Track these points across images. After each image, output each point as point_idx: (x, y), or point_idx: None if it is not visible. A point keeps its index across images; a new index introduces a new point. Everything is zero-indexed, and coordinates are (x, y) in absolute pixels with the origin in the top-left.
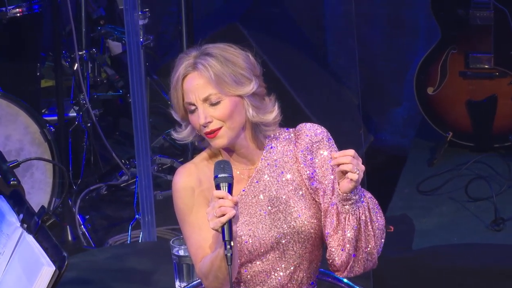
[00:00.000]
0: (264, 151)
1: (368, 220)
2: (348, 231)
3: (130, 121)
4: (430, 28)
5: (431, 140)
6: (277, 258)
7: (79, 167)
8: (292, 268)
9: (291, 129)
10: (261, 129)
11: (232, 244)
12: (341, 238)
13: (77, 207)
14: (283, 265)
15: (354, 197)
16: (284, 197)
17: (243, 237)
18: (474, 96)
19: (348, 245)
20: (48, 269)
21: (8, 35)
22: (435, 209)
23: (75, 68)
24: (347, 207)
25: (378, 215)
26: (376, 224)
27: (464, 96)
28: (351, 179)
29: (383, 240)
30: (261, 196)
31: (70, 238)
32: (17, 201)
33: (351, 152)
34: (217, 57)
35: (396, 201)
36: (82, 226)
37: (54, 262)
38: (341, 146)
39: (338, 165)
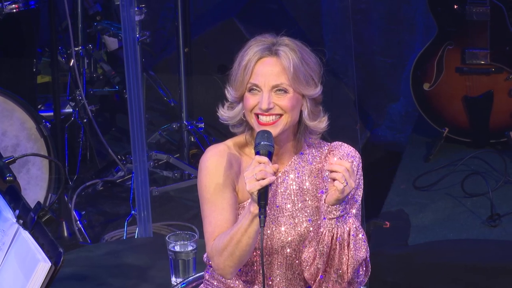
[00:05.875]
0: (296, 156)
1: (345, 244)
2: (321, 246)
3: (126, 117)
4: (427, 24)
5: (428, 136)
6: (279, 264)
7: (75, 163)
8: (290, 274)
9: (327, 143)
10: (306, 135)
11: (266, 208)
12: (313, 250)
13: (73, 203)
14: (283, 271)
15: (335, 213)
16: (300, 205)
17: None
18: (471, 92)
19: (317, 259)
20: (44, 265)
21: (4, 31)
22: (432, 204)
23: (71, 64)
24: (327, 221)
25: (360, 246)
26: (353, 252)
27: (461, 92)
28: (336, 189)
29: (361, 274)
30: (280, 198)
31: (66, 234)
32: (13, 197)
33: (347, 164)
34: (295, 52)
35: (392, 196)
36: (78, 222)
37: (50, 258)
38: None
39: (331, 172)
